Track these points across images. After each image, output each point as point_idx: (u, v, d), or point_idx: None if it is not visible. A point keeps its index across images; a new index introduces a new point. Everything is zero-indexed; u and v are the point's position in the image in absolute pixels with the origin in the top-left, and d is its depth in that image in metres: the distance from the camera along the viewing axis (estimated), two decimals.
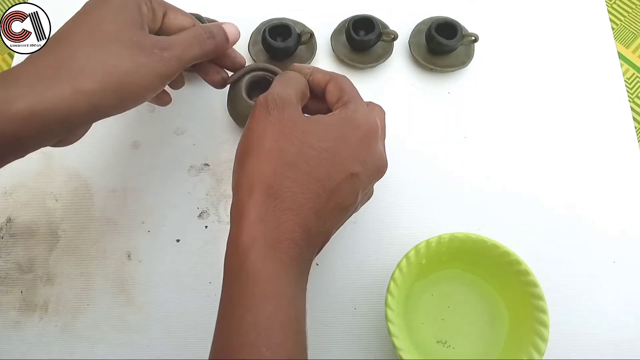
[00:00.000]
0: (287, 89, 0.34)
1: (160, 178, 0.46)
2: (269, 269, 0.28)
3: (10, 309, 0.43)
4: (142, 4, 0.35)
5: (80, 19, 0.34)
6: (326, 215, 0.31)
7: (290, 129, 0.32)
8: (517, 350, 0.36)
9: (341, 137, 0.32)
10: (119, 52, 0.32)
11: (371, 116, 0.34)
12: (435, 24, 0.49)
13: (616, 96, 0.50)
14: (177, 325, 0.42)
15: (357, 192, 0.33)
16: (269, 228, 0.29)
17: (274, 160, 0.31)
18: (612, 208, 0.46)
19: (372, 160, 0.34)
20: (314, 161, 0.31)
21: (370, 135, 0.33)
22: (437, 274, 0.41)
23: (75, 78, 0.31)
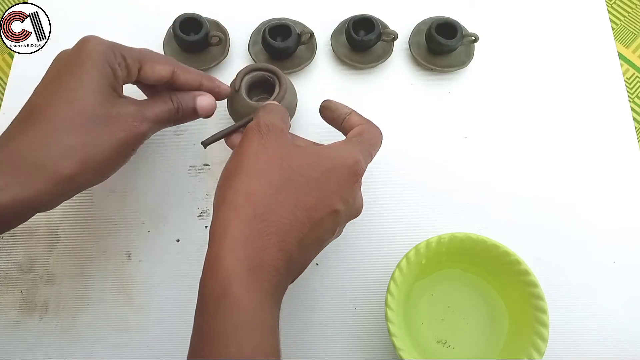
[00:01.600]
0: (274, 119, 0.34)
1: (160, 178, 0.46)
2: (252, 298, 0.27)
3: (10, 309, 0.43)
4: (116, 66, 0.35)
5: (55, 89, 0.33)
6: (307, 245, 0.31)
7: (281, 155, 0.32)
8: (517, 350, 0.36)
9: (331, 171, 0.32)
10: (99, 130, 0.33)
11: (359, 157, 0.34)
12: (435, 24, 0.49)
13: (616, 96, 0.50)
14: (177, 325, 0.42)
15: (335, 228, 0.33)
16: (255, 251, 0.28)
17: (264, 182, 0.30)
18: (612, 208, 0.46)
19: (354, 201, 0.34)
20: (303, 189, 0.31)
21: (357, 175, 0.33)
22: (437, 274, 0.41)
23: (57, 163, 0.31)
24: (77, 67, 0.33)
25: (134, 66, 0.36)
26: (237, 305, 0.27)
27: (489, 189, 0.46)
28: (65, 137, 0.32)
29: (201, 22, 0.48)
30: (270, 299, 0.28)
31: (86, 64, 0.33)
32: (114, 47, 0.35)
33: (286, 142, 0.33)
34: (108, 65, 0.34)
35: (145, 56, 0.37)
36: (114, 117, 0.34)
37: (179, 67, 0.38)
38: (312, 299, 0.42)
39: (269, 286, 0.28)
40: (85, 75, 0.33)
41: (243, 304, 0.27)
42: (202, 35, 0.48)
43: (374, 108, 0.49)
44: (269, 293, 0.28)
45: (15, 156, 0.31)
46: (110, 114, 0.33)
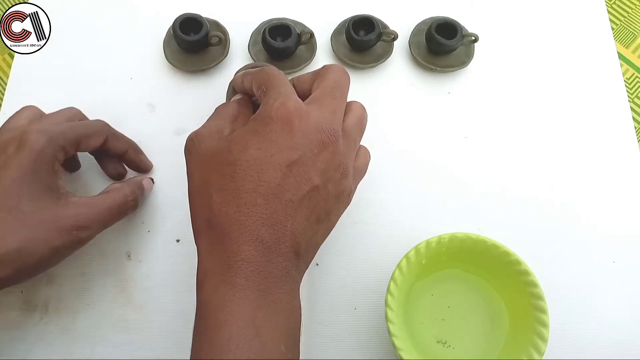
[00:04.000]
0: (207, 124, 0.34)
1: (160, 178, 0.46)
2: (221, 297, 0.28)
3: (10, 309, 0.43)
4: (55, 163, 0.35)
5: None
6: (280, 217, 0.30)
7: (209, 159, 0.32)
8: (517, 350, 0.36)
9: (259, 137, 0.30)
10: (37, 238, 0.33)
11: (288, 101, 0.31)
12: (435, 24, 0.49)
13: (616, 96, 0.50)
14: (177, 325, 0.42)
15: (307, 178, 0.30)
16: (219, 258, 0.29)
17: (203, 194, 0.31)
18: (612, 208, 0.46)
19: (307, 139, 0.31)
20: (240, 175, 0.30)
21: (289, 118, 0.31)
22: (437, 274, 0.41)
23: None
24: (17, 173, 0.34)
25: (72, 148, 0.38)
26: (206, 309, 0.29)
27: (489, 189, 0.46)
28: (4, 244, 0.32)
29: (201, 22, 0.48)
30: (247, 290, 0.28)
31: (25, 169, 0.34)
32: (52, 141, 0.35)
33: (211, 144, 0.32)
34: (47, 165, 0.35)
35: (81, 135, 0.38)
36: (53, 225, 0.34)
37: (111, 134, 0.41)
38: (312, 299, 0.42)
39: (242, 280, 0.28)
40: (25, 182, 0.34)
41: (210, 305, 0.28)
42: (202, 35, 0.48)
43: (374, 108, 0.49)
44: (242, 286, 0.28)
45: None
46: (48, 222, 0.34)
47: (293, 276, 0.31)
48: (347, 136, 0.34)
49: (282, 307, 0.29)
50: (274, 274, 0.29)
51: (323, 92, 0.34)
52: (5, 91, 0.51)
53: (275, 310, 0.29)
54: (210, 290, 0.29)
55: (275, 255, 0.29)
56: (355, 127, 0.35)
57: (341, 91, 0.35)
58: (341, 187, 0.33)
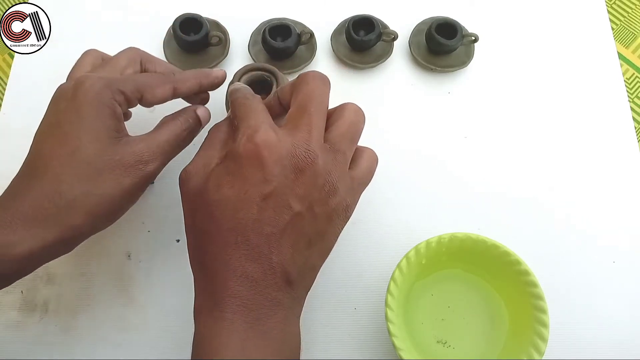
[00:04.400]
0: (196, 158, 0.34)
1: (161, 178, 0.46)
2: (212, 330, 0.30)
3: (10, 309, 0.43)
4: (115, 106, 0.34)
5: (56, 140, 0.33)
6: (264, 251, 0.30)
7: (193, 199, 0.32)
8: (517, 350, 0.36)
9: (231, 176, 0.31)
10: (103, 179, 0.33)
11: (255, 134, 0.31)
12: (435, 24, 0.49)
13: (616, 96, 0.50)
14: (177, 325, 0.42)
15: (286, 207, 0.30)
16: (209, 295, 0.31)
17: (191, 235, 0.33)
18: (612, 208, 0.46)
19: (279, 168, 0.30)
20: (219, 215, 0.30)
21: (258, 152, 0.30)
22: (437, 274, 0.41)
23: (66, 215, 0.32)
24: (76, 116, 0.33)
25: (134, 97, 0.36)
26: (197, 342, 0.30)
27: (489, 189, 0.46)
28: (70, 189, 0.32)
29: (201, 22, 0.48)
30: (235, 323, 0.29)
31: (84, 112, 0.33)
32: (110, 85, 0.34)
33: (197, 182, 0.32)
34: (107, 107, 0.34)
35: (143, 84, 0.36)
36: (117, 163, 0.33)
37: (177, 82, 0.38)
38: (312, 299, 0.42)
39: (229, 314, 0.29)
40: (85, 124, 0.33)
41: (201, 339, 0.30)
42: (202, 35, 0.48)
43: (374, 108, 0.49)
44: (230, 320, 0.29)
45: (26, 211, 0.32)
46: (113, 161, 0.33)
47: (286, 304, 0.31)
48: (334, 149, 0.33)
49: (274, 335, 0.30)
50: (263, 304, 0.30)
51: (298, 109, 0.33)
52: (5, 91, 0.51)
53: (264, 339, 0.30)
54: (202, 324, 0.31)
55: (263, 287, 0.30)
56: (343, 137, 0.34)
57: (317, 103, 0.33)
58: (331, 206, 0.32)
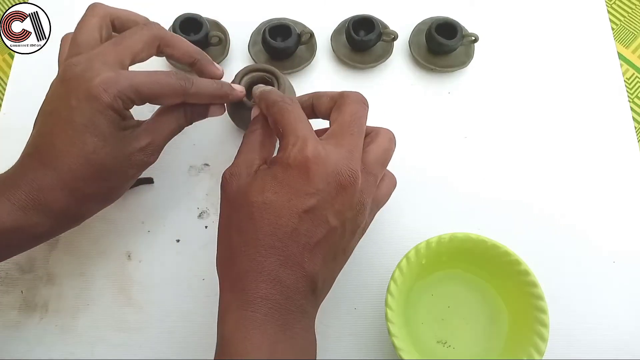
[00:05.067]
0: (238, 160, 0.35)
1: (161, 178, 0.46)
2: (242, 330, 0.30)
3: (10, 309, 0.43)
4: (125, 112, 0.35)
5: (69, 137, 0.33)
6: (298, 259, 0.31)
7: (234, 198, 0.33)
8: (517, 350, 0.36)
9: (277, 182, 0.31)
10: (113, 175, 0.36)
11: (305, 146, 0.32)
12: (435, 24, 0.49)
13: (616, 96, 0.50)
14: (177, 325, 0.42)
15: (324, 221, 0.31)
16: (239, 294, 0.31)
17: (226, 232, 0.33)
18: (612, 208, 0.46)
19: (324, 184, 0.31)
20: (258, 217, 0.31)
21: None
22: (437, 274, 0.41)
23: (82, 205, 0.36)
24: (88, 119, 0.33)
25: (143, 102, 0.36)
26: (226, 341, 0.30)
27: (489, 189, 0.46)
28: (86, 186, 0.35)
29: (201, 22, 0.48)
30: (265, 325, 0.30)
31: (97, 119, 0.33)
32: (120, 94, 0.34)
33: (241, 183, 0.33)
34: (118, 114, 0.34)
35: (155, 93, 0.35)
36: (127, 158, 0.35)
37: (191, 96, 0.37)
38: None
39: (260, 316, 0.30)
40: (98, 129, 0.34)
41: (231, 338, 0.30)
42: (202, 35, 0.48)
43: (374, 108, 0.49)
44: (260, 321, 0.30)
45: (44, 198, 0.33)
46: (123, 157, 0.35)
47: (309, 312, 0.32)
48: (367, 172, 0.34)
49: (299, 341, 0.31)
50: (291, 310, 0.31)
51: (341, 128, 0.34)
52: (5, 91, 0.51)
53: (292, 345, 0.30)
54: (232, 323, 0.30)
55: (293, 293, 0.31)
56: (377, 162, 0.35)
57: (359, 125, 0.34)
58: (357, 223, 0.34)
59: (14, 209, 0.33)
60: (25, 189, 0.33)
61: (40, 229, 0.34)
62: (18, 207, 0.33)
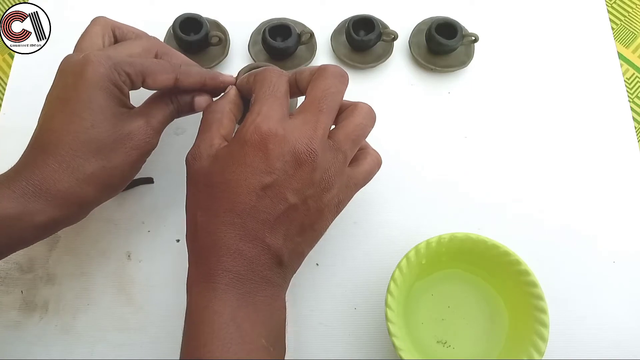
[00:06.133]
0: (198, 140, 0.35)
1: (161, 178, 0.46)
2: (205, 299, 0.31)
3: (10, 309, 0.43)
4: (121, 84, 0.36)
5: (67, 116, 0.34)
6: (258, 234, 0.32)
7: (196, 179, 0.34)
8: (517, 350, 0.36)
9: (235, 160, 0.32)
10: (115, 154, 0.35)
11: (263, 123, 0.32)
12: (435, 24, 0.49)
13: (616, 96, 0.50)
14: (177, 325, 0.41)
15: (282, 198, 0.32)
16: (203, 267, 0.32)
17: (191, 212, 0.34)
18: (612, 208, 0.46)
19: (281, 162, 0.32)
20: (218, 196, 0.32)
21: (263, 143, 0.32)
22: (437, 274, 0.41)
23: (85, 187, 0.35)
24: (85, 95, 0.34)
25: (138, 80, 0.36)
26: (190, 310, 0.32)
27: (489, 189, 0.46)
28: (88, 164, 0.34)
29: (201, 22, 0.48)
30: (227, 293, 0.31)
31: (94, 92, 0.34)
32: (116, 66, 0.35)
33: (202, 164, 0.34)
34: (114, 86, 0.35)
35: (148, 68, 0.37)
36: (127, 137, 0.36)
37: (181, 73, 0.38)
38: (312, 299, 0.42)
39: (222, 285, 0.31)
40: (95, 104, 0.34)
41: (193, 306, 0.32)
42: (202, 35, 0.48)
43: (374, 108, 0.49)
44: (222, 290, 0.31)
45: (46, 183, 0.33)
46: (123, 135, 0.35)
47: (275, 282, 0.33)
48: (335, 148, 0.34)
49: (262, 307, 0.32)
50: (254, 280, 0.32)
51: (311, 103, 0.34)
52: (5, 91, 0.51)
53: (255, 310, 0.32)
54: (196, 294, 0.32)
55: (256, 265, 0.32)
56: (347, 138, 0.35)
57: (330, 101, 0.34)
58: (324, 201, 0.34)
59: (14, 196, 0.33)
60: (26, 176, 0.33)
61: (42, 217, 0.34)
62: (19, 194, 0.33)
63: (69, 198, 0.34)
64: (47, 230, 0.35)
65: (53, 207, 0.34)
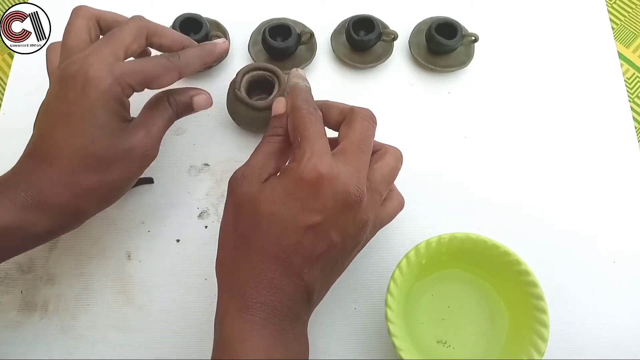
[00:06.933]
0: (251, 162, 0.35)
1: (161, 178, 0.46)
2: (241, 332, 0.31)
3: (10, 309, 0.43)
4: (124, 99, 0.36)
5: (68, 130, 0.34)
6: (298, 270, 0.32)
7: (242, 203, 0.33)
8: (517, 350, 0.36)
9: (287, 194, 0.32)
10: (115, 169, 0.35)
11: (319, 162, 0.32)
12: (435, 24, 0.49)
13: (616, 96, 0.50)
14: (177, 325, 0.42)
15: (327, 237, 0.32)
16: (239, 297, 0.32)
17: (230, 236, 0.33)
18: (612, 208, 0.46)
19: (332, 201, 0.32)
20: (265, 227, 0.32)
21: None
22: (437, 274, 0.41)
23: (82, 201, 0.35)
24: (87, 112, 0.34)
25: (142, 88, 0.36)
26: (225, 341, 0.31)
27: (489, 189, 0.46)
28: (87, 179, 0.34)
29: (201, 22, 0.48)
30: (263, 328, 0.31)
31: (95, 109, 0.34)
32: (119, 79, 0.34)
33: (248, 189, 0.33)
34: (116, 102, 0.35)
35: (150, 74, 0.36)
36: (127, 152, 0.36)
37: (182, 67, 0.38)
38: None
39: (259, 319, 0.31)
40: (96, 121, 0.34)
41: (230, 338, 0.31)
42: (202, 35, 0.48)
43: (374, 108, 0.49)
44: (259, 324, 0.31)
45: (44, 195, 0.34)
46: (123, 150, 0.35)
47: (302, 318, 0.33)
48: (373, 189, 0.34)
49: (294, 345, 0.32)
50: (287, 316, 0.32)
51: (351, 146, 0.34)
52: (5, 91, 0.51)
53: (287, 348, 0.32)
54: (230, 324, 0.31)
55: (291, 301, 0.32)
56: (383, 180, 0.35)
57: (368, 143, 0.35)
58: (358, 240, 0.34)
59: (13, 208, 0.33)
60: (25, 187, 0.33)
61: (40, 227, 0.34)
62: (18, 206, 0.33)
63: (66, 210, 0.35)
64: (43, 239, 0.36)
65: (51, 218, 0.34)
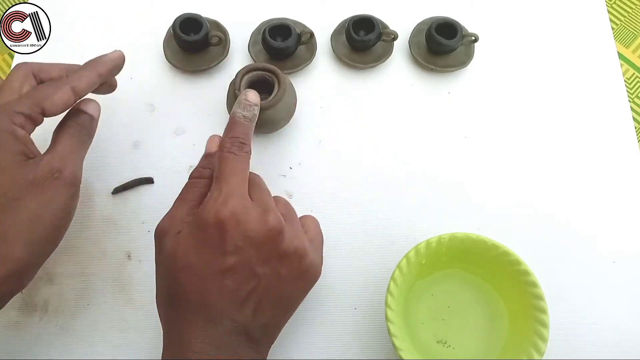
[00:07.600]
0: (171, 214, 0.35)
1: (161, 178, 0.46)
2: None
3: (10, 309, 0.43)
4: (16, 130, 0.34)
5: None
6: (226, 314, 0.32)
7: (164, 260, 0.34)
8: (517, 350, 0.36)
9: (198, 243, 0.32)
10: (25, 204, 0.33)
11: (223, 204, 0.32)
12: (435, 24, 0.49)
13: (616, 96, 0.50)
14: None
15: (251, 274, 0.32)
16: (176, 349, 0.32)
17: (162, 294, 0.34)
18: (612, 208, 0.46)
19: (246, 240, 0.32)
20: (184, 281, 0.32)
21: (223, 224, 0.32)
22: (437, 274, 0.41)
23: (5, 249, 0.32)
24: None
25: (36, 113, 0.35)
26: None
27: (488, 189, 0.46)
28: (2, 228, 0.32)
29: (201, 22, 0.48)
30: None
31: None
32: (5, 110, 0.34)
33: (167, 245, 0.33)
34: (8, 134, 0.34)
35: (39, 97, 0.35)
36: (32, 183, 0.33)
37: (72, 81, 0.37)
38: (312, 299, 0.42)
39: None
40: None
41: None
42: (202, 35, 0.48)
43: (374, 108, 0.49)
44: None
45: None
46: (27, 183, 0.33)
47: (248, 356, 0.33)
48: (287, 218, 0.35)
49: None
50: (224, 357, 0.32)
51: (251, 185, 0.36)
52: None
53: None
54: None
55: (226, 345, 0.32)
56: (285, 207, 0.37)
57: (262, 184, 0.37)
58: (302, 268, 0.34)
59: None
60: None
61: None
62: None
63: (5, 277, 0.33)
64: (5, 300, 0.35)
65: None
